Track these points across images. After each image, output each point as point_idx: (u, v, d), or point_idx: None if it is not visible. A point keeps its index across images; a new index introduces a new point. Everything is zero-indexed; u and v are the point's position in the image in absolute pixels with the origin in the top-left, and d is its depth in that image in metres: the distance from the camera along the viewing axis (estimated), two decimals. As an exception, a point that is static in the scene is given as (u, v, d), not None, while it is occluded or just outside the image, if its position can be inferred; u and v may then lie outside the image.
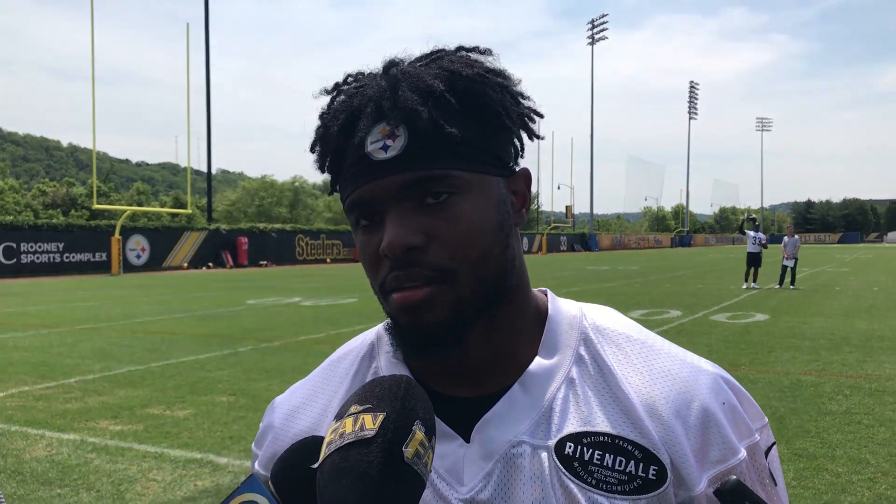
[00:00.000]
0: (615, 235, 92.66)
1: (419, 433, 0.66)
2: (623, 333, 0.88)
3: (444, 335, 0.79)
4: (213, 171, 51.43)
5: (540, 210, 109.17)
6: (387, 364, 0.90)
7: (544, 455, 0.80)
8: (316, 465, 0.67)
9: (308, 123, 0.87)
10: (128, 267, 35.96)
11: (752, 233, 22.77)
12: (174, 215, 51.17)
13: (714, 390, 0.83)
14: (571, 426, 0.81)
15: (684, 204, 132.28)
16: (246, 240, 43.30)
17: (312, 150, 0.86)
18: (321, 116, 0.86)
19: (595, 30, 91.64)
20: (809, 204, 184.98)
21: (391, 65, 0.84)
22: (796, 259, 21.90)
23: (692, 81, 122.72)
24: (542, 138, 0.89)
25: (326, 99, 0.87)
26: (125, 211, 38.11)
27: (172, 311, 16.31)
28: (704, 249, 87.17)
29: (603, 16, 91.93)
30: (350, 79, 0.87)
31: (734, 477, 0.76)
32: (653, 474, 0.78)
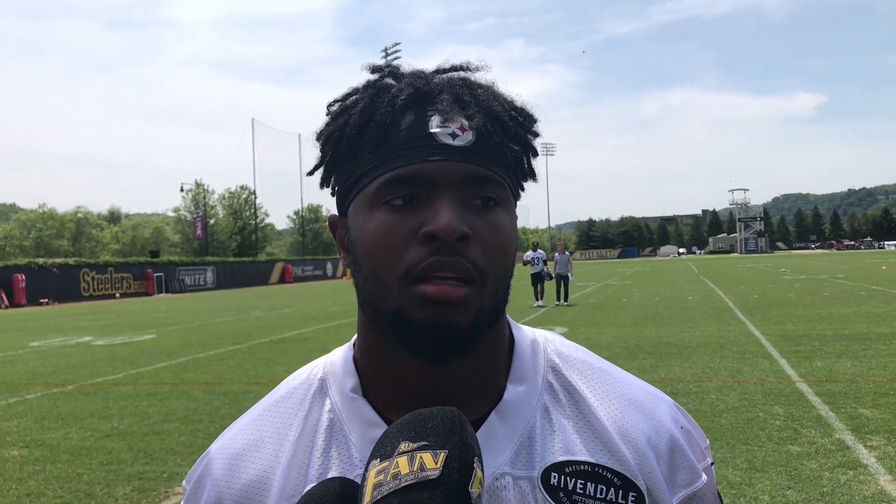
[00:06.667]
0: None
1: (479, 472, 0.62)
2: (584, 360, 0.88)
3: (464, 340, 0.75)
4: (-18, 202, 46.87)
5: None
6: (342, 400, 0.84)
7: (526, 486, 0.78)
8: None
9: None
10: None
11: (531, 253, 23.67)
12: (-65, 252, 46.04)
13: (673, 417, 0.86)
14: (553, 456, 0.79)
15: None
16: (23, 276, 39.80)
17: (337, 119, 0.82)
18: (364, 89, 0.81)
19: (389, 57, 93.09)
20: (591, 223, 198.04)
21: (446, 69, 0.83)
22: (569, 275, 22.78)
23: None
24: (523, 187, 0.88)
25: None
26: None
27: (-59, 360, 14.61)
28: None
29: (396, 44, 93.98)
30: (387, 70, 0.84)
31: None
32: (632, 500, 0.78)
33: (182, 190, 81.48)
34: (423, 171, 0.75)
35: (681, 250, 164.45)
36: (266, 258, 73.44)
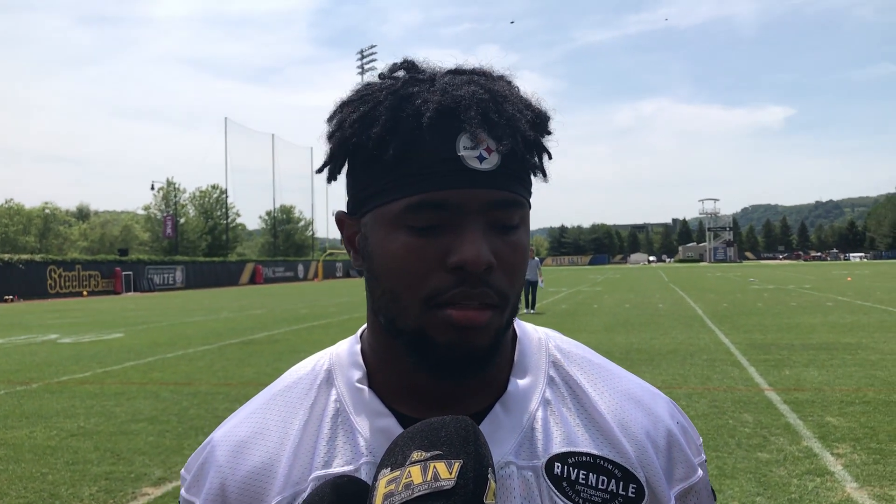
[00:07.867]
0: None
1: (493, 483, 0.61)
2: (584, 356, 0.90)
3: (484, 358, 0.77)
4: (-53, 196, 46.10)
5: (315, 236, 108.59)
6: (349, 390, 0.85)
7: (530, 475, 0.79)
8: None
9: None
10: None
11: None
12: None
13: (670, 412, 0.89)
14: (556, 446, 0.81)
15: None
16: (-12, 272, 39.09)
17: (353, 126, 0.78)
18: (385, 97, 0.77)
19: (365, 59, 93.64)
20: (563, 229, 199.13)
21: (464, 72, 0.81)
22: (539, 281, 21.85)
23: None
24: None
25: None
26: None
27: None
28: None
29: (372, 46, 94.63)
30: (405, 65, 0.82)
31: None
32: (632, 492, 0.80)
33: (153, 188, 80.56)
34: (451, 199, 0.74)
35: (651, 258, 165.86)
36: (237, 258, 72.87)
